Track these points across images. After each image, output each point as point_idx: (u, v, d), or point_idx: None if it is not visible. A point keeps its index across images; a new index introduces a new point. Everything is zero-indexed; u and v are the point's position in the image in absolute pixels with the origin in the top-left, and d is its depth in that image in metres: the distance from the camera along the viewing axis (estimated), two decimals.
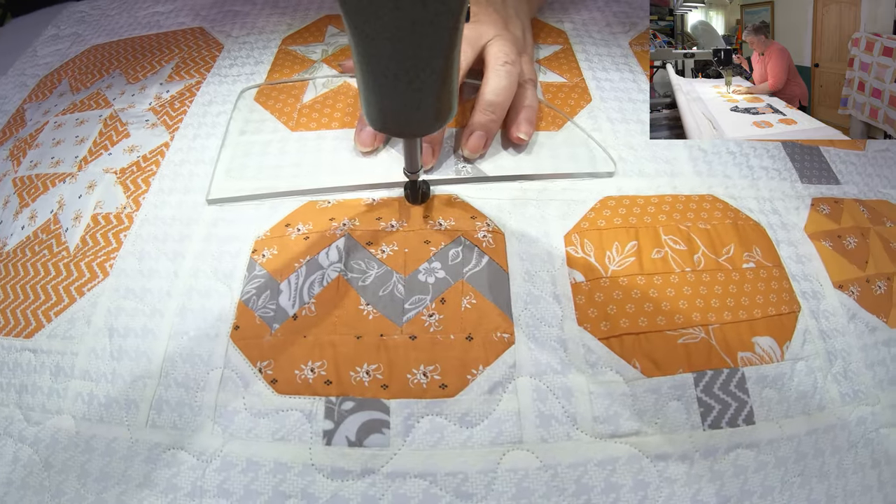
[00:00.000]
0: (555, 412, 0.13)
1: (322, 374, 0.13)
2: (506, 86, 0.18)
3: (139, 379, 0.14)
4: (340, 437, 0.13)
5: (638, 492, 0.13)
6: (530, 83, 0.19)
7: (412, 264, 0.15)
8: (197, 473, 0.13)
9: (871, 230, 0.18)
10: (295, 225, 0.16)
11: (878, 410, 0.15)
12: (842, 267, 0.17)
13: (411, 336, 0.14)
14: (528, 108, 0.18)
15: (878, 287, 0.17)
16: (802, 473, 0.14)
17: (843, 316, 0.16)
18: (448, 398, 0.13)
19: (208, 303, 0.15)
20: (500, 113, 0.18)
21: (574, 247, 0.16)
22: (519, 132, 0.18)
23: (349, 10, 0.10)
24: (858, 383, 0.15)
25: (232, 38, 0.25)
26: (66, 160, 0.21)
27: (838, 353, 0.16)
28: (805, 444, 0.14)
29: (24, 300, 0.17)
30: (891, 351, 0.16)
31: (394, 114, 0.12)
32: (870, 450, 0.14)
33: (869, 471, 0.14)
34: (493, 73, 0.18)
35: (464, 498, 0.12)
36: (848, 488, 0.14)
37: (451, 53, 0.11)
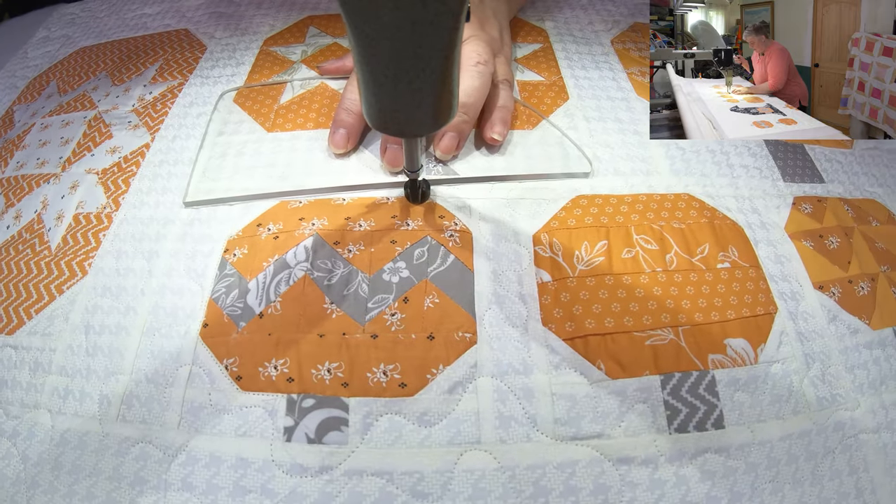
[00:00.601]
0: (515, 413, 0.14)
1: (285, 372, 0.14)
2: (478, 86, 0.18)
3: (112, 375, 0.15)
4: (300, 434, 0.13)
5: (598, 496, 0.13)
6: (505, 83, 0.19)
7: (377, 264, 0.16)
8: (163, 467, 0.14)
9: (856, 230, 0.18)
10: (266, 225, 0.17)
11: (858, 415, 0.15)
12: (823, 267, 0.17)
13: (373, 335, 0.14)
14: (502, 109, 0.19)
15: (861, 288, 0.17)
16: (774, 480, 0.14)
17: (823, 318, 0.16)
18: (407, 397, 0.14)
19: (180, 301, 0.16)
20: (472, 114, 0.18)
21: (542, 246, 0.17)
22: (493, 132, 0.18)
23: (349, 10, 0.10)
24: (837, 387, 0.15)
25: (215, 40, 0.26)
26: (51, 161, 0.22)
27: (816, 355, 0.16)
28: (778, 450, 0.14)
29: (6, 298, 0.18)
30: (873, 354, 0.16)
31: (394, 114, 0.12)
32: (847, 456, 0.14)
33: (846, 478, 0.14)
34: (465, 73, 0.18)
35: (419, 497, 0.13)
36: (823, 496, 0.14)
37: (451, 53, 0.11)
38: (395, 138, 0.17)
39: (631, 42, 0.24)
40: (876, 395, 0.15)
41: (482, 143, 0.19)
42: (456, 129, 0.18)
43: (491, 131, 0.18)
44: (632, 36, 0.25)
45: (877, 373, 0.16)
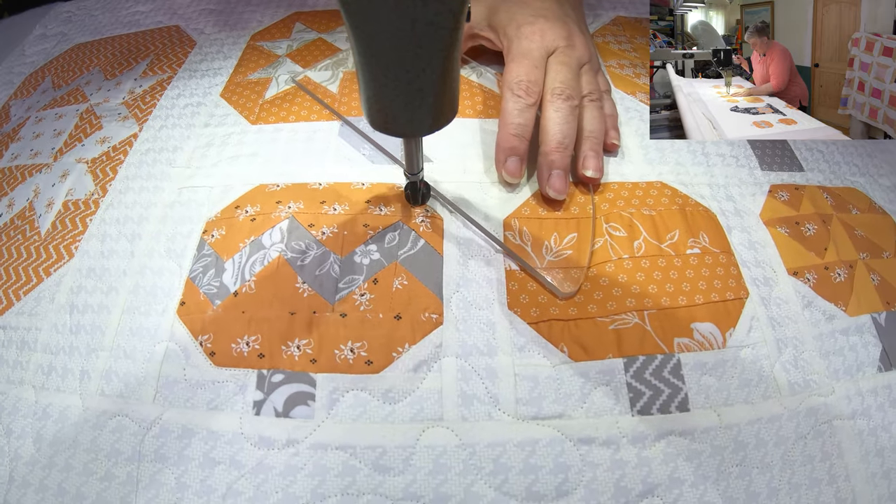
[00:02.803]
0: (477, 392, 0.16)
1: (256, 348, 0.16)
2: (598, 116, 0.20)
3: (93, 352, 0.17)
4: (269, 408, 0.15)
5: (558, 474, 0.14)
6: (592, 103, 0.21)
7: (349, 246, 0.18)
8: (137, 439, 0.16)
9: (834, 217, 0.20)
10: (244, 207, 0.19)
11: (832, 401, 0.16)
12: (798, 253, 0.18)
13: (342, 314, 0.17)
14: (589, 138, 0.20)
15: (838, 275, 0.18)
16: (741, 464, 0.15)
17: (797, 303, 0.18)
18: (373, 374, 0.16)
19: (159, 280, 0.18)
20: (601, 137, 0.20)
21: (513, 232, 0.19)
22: (585, 170, 0.19)
23: (349, 10, 0.11)
24: (811, 373, 0.17)
25: (205, 36, 0.30)
26: (43, 152, 0.25)
27: (789, 340, 0.17)
28: (745, 434, 0.15)
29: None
30: (849, 340, 0.17)
31: (394, 114, 0.13)
32: (820, 442, 0.16)
33: (818, 464, 0.15)
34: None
35: (381, 471, 0.15)
36: (794, 481, 0.15)
37: (452, 53, 0.12)
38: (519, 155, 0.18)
39: (611, 35, 0.27)
40: (852, 382, 0.17)
41: None
42: (562, 167, 0.19)
43: (583, 168, 0.19)
44: (612, 29, 0.28)
45: (853, 359, 0.17)
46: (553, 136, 0.19)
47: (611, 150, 0.21)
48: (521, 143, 0.20)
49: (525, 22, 0.21)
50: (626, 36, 0.27)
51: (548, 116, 0.20)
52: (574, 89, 0.20)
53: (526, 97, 0.20)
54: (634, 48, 0.26)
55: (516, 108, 0.20)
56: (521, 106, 0.20)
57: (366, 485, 0.14)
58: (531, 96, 0.20)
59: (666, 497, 0.14)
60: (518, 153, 0.19)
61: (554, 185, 0.19)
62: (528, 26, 0.21)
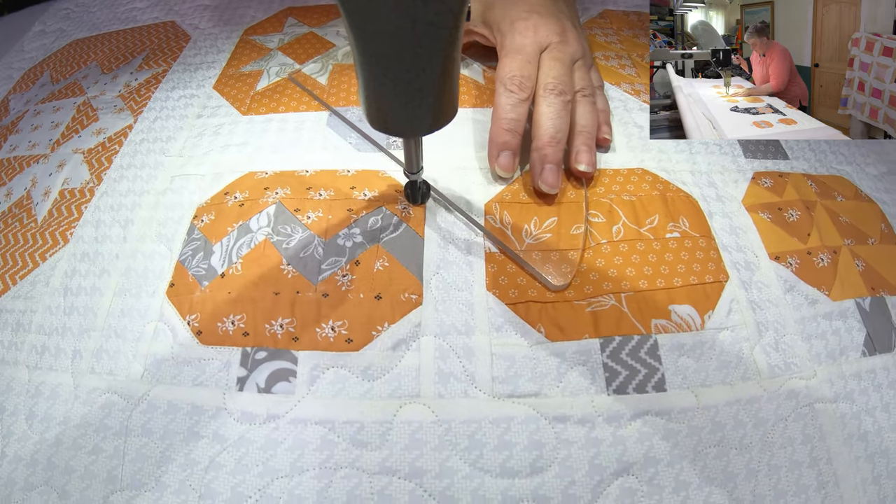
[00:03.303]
0: (454, 370, 0.16)
1: (241, 327, 0.17)
2: (591, 111, 0.20)
3: (85, 332, 0.18)
4: (251, 384, 0.16)
5: (532, 451, 0.15)
6: (585, 97, 0.21)
7: (333, 230, 0.19)
8: (125, 415, 0.17)
9: (818, 203, 0.20)
10: (233, 193, 0.20)
11: (814, 384, 0.17)
12: (780, 238, 0.19)
13: (324, 294, 0.17)
14: (581, 133, 0.20)
15: (821, 259, 0.19)
16: (719, 444, 0.15)
17: (779, 287, 0.18)
18: (353, 352, 0.16)
19: (150, 263, 0.19)
20: (593, 132, 0.20)
21: (493, 216, 0.19)
22: (578, 164, 0.20)
23: (349, 10, 0.11)
24: (792, 356, 0.17)
25: (199, 31, 0.31)
26: (41, 143, 0.26)
27: (770, 324, 0.17)
28: (724, 415, 0.16)
29: None
30: (832, 324, 0.18)
31: (394, 113, 0.13)
32: (801, 424, 0.16)
33: (799, 446, 0.16)
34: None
35: (359, 446, 0.15)
36: (773, 463, 0.15)
37: (452, 53, 0.12)
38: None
39: (598, 28, 0.28)
40: (834, 366, 0.17)
41: None
42: (555, 161, 0.19)
43: (576, 162, 0.20)
44: (599, 22, 0.28)
45: (836, 343, 0.17)
46: (546, 130, 0.19)
47: (603, 145, 0.21)
48: (513, 137, 0.20)
49: (518, 18, 0.22)
50: (612, 28, 0.28)
51: (540, 111, 0.20)
52: (567, 85, 0.20)
53: (519, 92, 0.20)
54: (620, 40, 0.27)
55: (509, 102, 0.20)
56: (513, 101, 0.20)
57: (343, 459, 0.15)
58: (524, 91, 0.20)
59: (641, 476, 0.15)
60: (510, 147, 0.20)
61: (546, 179, 0.19)
62: (521, 22, 0.22)
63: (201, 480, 0.15)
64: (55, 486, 0.16)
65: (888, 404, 0.17)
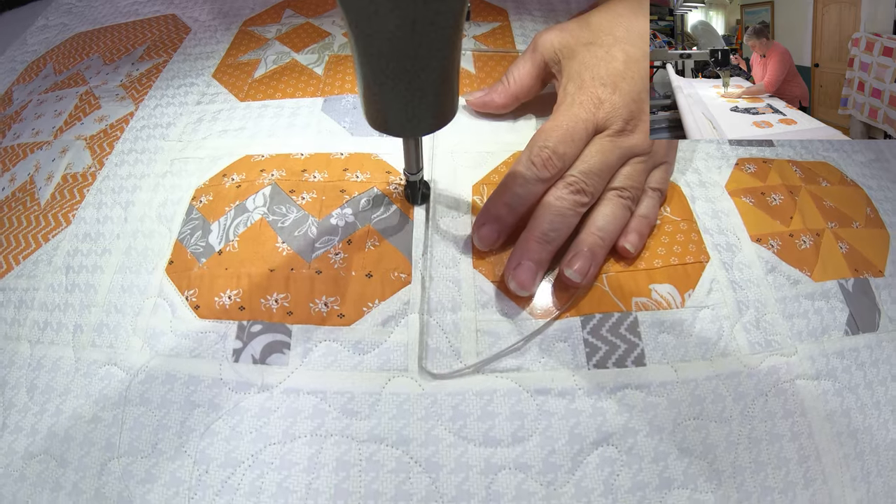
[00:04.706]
0: (441, 346, 0.18)
1: (237, 301, 0.19)
2: (620, 216, 0.19)
3: (86, 308, 0.20)
4: (247, 356, 0.18)
5: (514, 421, 0.17)
6: (655, 194, 0.20)
7: (326, 210, 0.21)
8: (124, 385, 0.18)
9: (803, 188, 0.22)
10: (231, 175, 0.22)
11: (795, 361, 0.18)
12: (761, 221, 0.21)
13: (317, 271, 0.19)
14: (641, 218, 0.19)
15: (803, 241, 0.20)
16: (699, 417, 0.17)
17: (760, 268, 0.20)
18: (344, 326, 0.18)
19: (150, 242, 0.21)
20: (609, 240, 0.18)
21: (480, 196, 0.21)
22: (625, 241, 0.18)
23: (349, 10, 0.12)
24: (773, 333, 0.18)
25: (199, 23, 0.34)
26: (44, 131, 0.29)
27: (751, 303, 0.19)
28: (703, 389, 0.17)
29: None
30: (815, 304, 0.19)
31: (394, 113, 0.14)
32: (782, 400, 0.17)
33: (780, 420, 0.17)
34: (608, 203, 0.18)
35: (349, 415, 0.17)
36: (753, 436, 0.17)
37: (452, 53, 0.13)
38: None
39: None
40: (816, 344, 0.18)
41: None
42: (592, 248, 0.18)
43: (624, 240, 0.19)
44: None
45: (818, 322, 0.19)
46: (539, 225, 0.18)
47: (621, 254, 0.19)
48: (508, 214, 0.19)
49: (590, 85, 0.20)
50: None
51: (545, 202, 0.18)
52: (592, 184, 0.18)
53: (541, 170, 0.18)
54: None
55: (523, 176, 0.19)
56: (530, 176, 0.18)
57: (334, 427, 0.17)
58: (547, 170, 0.18)
59: (620, 445, 0.16)
60: (500, 223, 0.19)
61: (518, 276, 0.17)
62: (589, 91, 0.20)
63: (196, 447, 0.17)
64: (54, 455, 0.17)
65: (871, 382, 0.18)
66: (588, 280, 0.18)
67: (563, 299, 0.18)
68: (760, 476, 0.16)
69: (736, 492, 0.16)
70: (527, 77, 0.23)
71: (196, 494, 0.16)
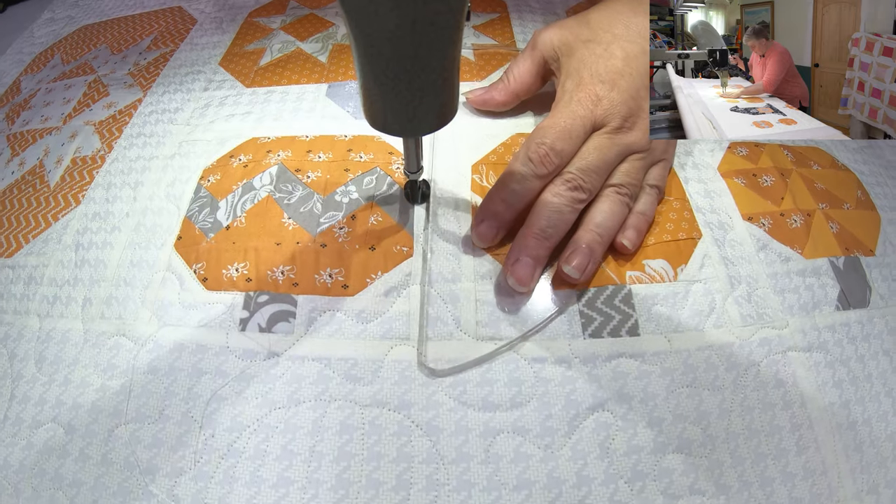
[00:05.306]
0: (441, 315, 0.19)
1: (244, 273, 0.20)
2: (618, 213, 0.19)
3: (95, 282, 0.22)
4: (253, 325, 0.19)
5: (512, 387, 0.18)
6: (653, 191, 0.20)
7: (331, 187, 0.22)
8: (132, 354, 0.19)
9: (794, 171, 0.23)
10: (238, 156, 0.24)
11: (787, 334, 0.19)
12: (753, 201, 0.22)
13: (322, 244, 0.20)
14: (638, 215, 0.20)
15: (794, 221, 0.21)
16: (692, 385, 0.18)
17: (752, 246, 0.21)
18: (348, 297, 0.19)
19: (159, 220, 0.23)
20: (607, 236, 0.19)
21: (479, 175, 0.23)
22: (623, 238, 0.19)
23: (349, 10, 0.12)
24: (764, 307, 0.20)
25: (205, 14, 0.36)
26: (53, 117, 0.30)
27: (742, 278, 0.20)
28: (696, 358, 0.18)
29: (8, 227, 0.25)
30: (805, 280, 0.20)
31: (394, 113, 0.14)
32: (774, 370, 0.18)
33: (772, 389, 0.18)
34: (606, 199, 0.19)
35: (352, 381, 0.18)
36: (746, 404, 0.18)
37: (452, 53, 0.13)
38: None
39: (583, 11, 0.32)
40: (807, 318, 0.19)
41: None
42: (590, 245, 0.18)
43: (622, 236, 0.19)
44: (585, 6, 0.32)
45: (809, 297, 0.20)
46: (536, 222, 0.19)
47: (619, 251, 0.20)
48: (506, 210, 0.19)
49: (588, 82, 0.20)
50: None
51: (543, 199, 0.19)
52: (590, 181, 0.19)
53: (538, 166, 0.19)
54: None
55: (521, 173, 0.19)
56: (527, 173, 0.19)
57: (337, 392, 0.18)
58: (544, 167, 0.19)
59: (615, 411, 0.17)
60: (499, 220, 0.19)
61: (517, 272, 0.18)
62: (587, 88, 0.20)
63: (203, 412, 0.18)
64: (61, 423, 0.18)
65: (863, 356, 0.19)
66: (586, 276, 0.19)
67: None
68: (753, 442, 0.17)
69: (730, 457, 0.17)
70: (527, 75, 0.23)
71: (202, 458, 0.17)
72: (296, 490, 0.16)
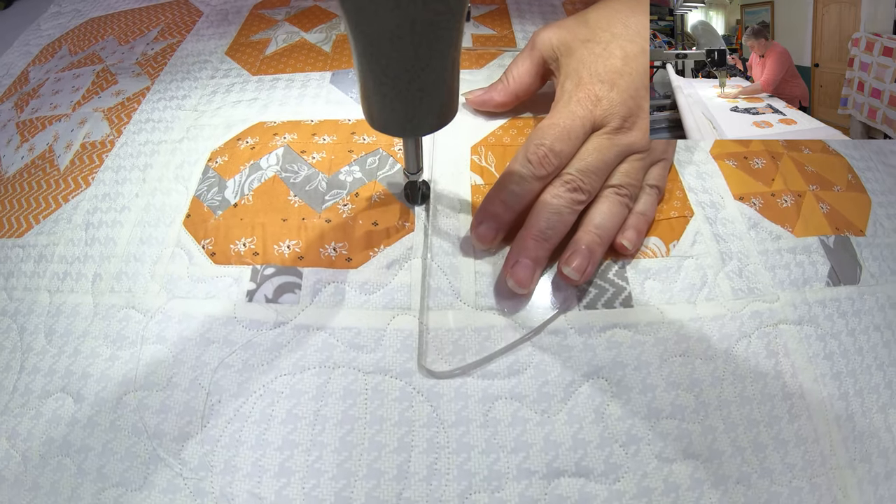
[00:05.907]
0: (442, 286, 0.20)
1: (251, 248, 0.21)
2: (618, 213, 0.20)
3: (105, 259, 0.23)
4: (260, 296, 0.20)
5: (509, 356, 0.19)
6: (653, 191, 0.21)
7: (335, 167, 0.24)
8: (141, 325, 0.21)
9: (785, 154, 0.24)
10: (245, 139, 0.25)
11: (778, 307, 0.20)
12: (744, 182, 0.23)
13: (327, 220, 0.22)
14: (638, 215, 0.20)
15: (785, 201, 0.23)
16: (684, 354, 0.19)
17: (743, 224, 0.22)
18: (352, 269, 0.21)
19: (168, 199, 0.24)
20: (607, 237, 0.19)
21: (479, 156, 0.24)
22: (623, 238, 0.20)
23: (349, 10, 0.12)
24: (755, 282, 0.21)
25: (211, 7, 0.38)
26: (62, 105, 0.32)
27: (734, 254, 0.21)
28: (688, 329, 0.20)
29: (18, 209, 0.26)
30: (796, 258, 0.22)
31: (394, 114, 0.15)
32: (765, 341, 0.19)
33: (764, 360, 0.19)
34: (605, 200, 0.19)
35: (355, 348, 0.19)
36: (738, 373, 0.19)
37: (452, 53, 0.14)
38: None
39: (581, 4, 0.34)
40: (798, 293, 0.21)
41: None
42: (590, 246, 0.19)
43: (621, 237, 0.20)
44: (583, 0, 0.34)
45: (799, 273, 0.21)
46: (536, 223, 0.19)
47: (619, 252, 0.20)
48: (505, 212, 0.19)
49: (587, 82, 0.21)
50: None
51: (542, 200, 0.19)
52: (590, 182, 0.19)
53: (537, 168, 0.19)
54: None
55: (520, 174, 0.19)
56: (526, 174, 0.19)
57: (341, 359, 0.19)
58: (543, 168, 0.19)
59: (610, 378, 0.19)
60: (498, 221, 0.19)
61: (516, 273, 0.18)
62: (586, 88, 0.20)
63: (210, 379, 0.19)
64: (70, 392, 0.20)
65: (854, 330, 0.21)
66: (586, 278, 0.19)
67: None
68: (746, 409, 0.18)
69: (722, 423, 0.18)
70: (526, 75, 0.24)
71: (208, 423, 0.18)
72: (300, 452, 0.17)
